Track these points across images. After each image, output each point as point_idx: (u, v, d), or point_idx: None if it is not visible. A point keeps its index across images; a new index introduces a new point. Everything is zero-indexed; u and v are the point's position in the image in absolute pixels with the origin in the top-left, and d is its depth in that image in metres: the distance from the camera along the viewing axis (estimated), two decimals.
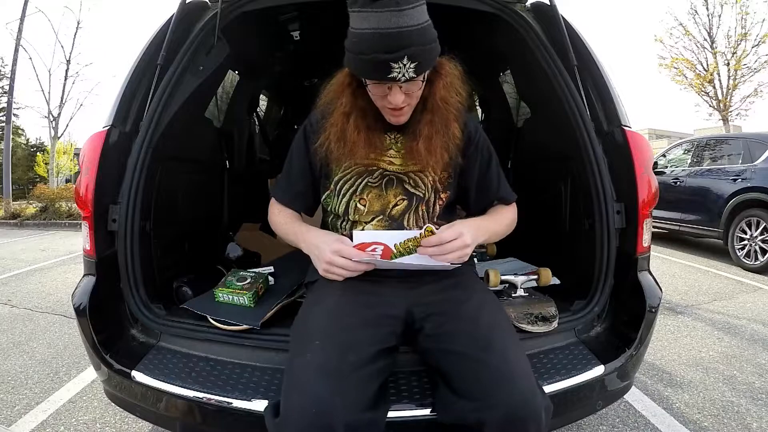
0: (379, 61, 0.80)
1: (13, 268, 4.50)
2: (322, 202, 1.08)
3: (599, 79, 1.30)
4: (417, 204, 1.01)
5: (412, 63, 0.80)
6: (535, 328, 1.11)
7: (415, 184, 1.01)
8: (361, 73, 0.88)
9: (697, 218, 4.78)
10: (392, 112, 0.92)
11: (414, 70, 0.82)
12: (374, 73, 0.84)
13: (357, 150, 0.95)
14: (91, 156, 1.15)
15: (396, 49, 0.79)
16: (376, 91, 0.89)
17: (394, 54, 0.79)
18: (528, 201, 1.93)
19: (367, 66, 0.83)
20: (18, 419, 1.66)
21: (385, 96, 0.88)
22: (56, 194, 9.31)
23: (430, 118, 0.95)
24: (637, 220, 1.18)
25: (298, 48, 2.38)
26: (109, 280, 1.15)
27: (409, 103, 0.92)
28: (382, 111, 0.95)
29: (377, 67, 0.81)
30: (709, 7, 11.39)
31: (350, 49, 0.85)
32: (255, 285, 1.21)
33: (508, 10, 1.41)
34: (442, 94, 0.94)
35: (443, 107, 0.95)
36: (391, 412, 0.90)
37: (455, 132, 0.98)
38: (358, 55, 0.83)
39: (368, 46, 0.80)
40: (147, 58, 1.29)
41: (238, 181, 2.15)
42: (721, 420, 1.63)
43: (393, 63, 0.79)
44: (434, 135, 0.95)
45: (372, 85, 0.88)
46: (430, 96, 0.94)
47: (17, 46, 11.51)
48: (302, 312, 0.95)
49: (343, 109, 0.95)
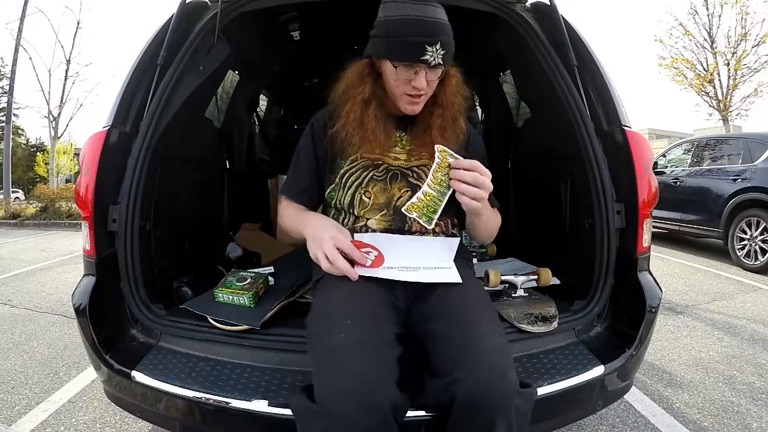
0: (418, 43, 0.88)
1: (13, 268, 4.50)
2: (326, 197, 1.09)
3: (599, 79, 1.30)
4: None
5: (442, 50, 0.90)
6: (535, 328, 1.11)
7: (419, 177, 1.03)
8: (396, 55, 0.93)
9: (697, 218, 4.78)
10: (411, 99, 0.97)
11: (442, 57, 0.90)
12: (410, 54, 0.90)
13: (375, 137, 0.99)
14: (91, 156, 1.15)
15: (433, 34, 0.89)
16: (404, 75, 0.93)
17: (431, 38, 0.89)
18: (528, 201, 1.95)
19: (404, 47, 0.90)
20: (18, 419, 1.66)
21: (410, 81, 0.94)
22: (56, 194, 9.32)
23: (441, 112, 1.01)
24: (637, 220, 1.18)
25: (298, 48, 2.38)
26: (109, 280, 1.15)
27: (427, 92, 0.97)
28: (400, 99, 0.98)
29: (414, 48, 0.89)
30: (709, 7, 11.42)
31: (386, 35, 0.92)
32: (255, 285, 1.21)
33: (508, 10, 1.41)
34: (451, 92, 1.01)
35: (451, 105, 1.01)
36: None
37: (462, 126, 1.05)
38: (397, 38, 0.91)
39: (411, 30, 0.89)
40: (147, 58, 1.29)
41: (238, 181, 2.15)
42: (721, 420, 1.63)
43: (428, 46, 0.88)
44: (447, 126, 1.01)
45: (401, 69, 0.93)
46: (441, 93, 1.01)
47: (17, 46, 11.53)
48: (319, 303, 0.93)
49: (363, 96, 0.98)
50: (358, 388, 0.68)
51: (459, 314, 0.85)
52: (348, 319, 0.80)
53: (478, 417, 0.72)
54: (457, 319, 0.83)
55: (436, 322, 0.85)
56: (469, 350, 0.76)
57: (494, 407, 0.71)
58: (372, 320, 0.81)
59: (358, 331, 0.77)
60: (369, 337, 0.76)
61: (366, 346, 0.75)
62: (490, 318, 0.88)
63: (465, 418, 0.73)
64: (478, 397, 0.72)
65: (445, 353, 0.79)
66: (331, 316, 0.84)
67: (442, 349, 0.80)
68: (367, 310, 0.84)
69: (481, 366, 0.73)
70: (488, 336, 0.79)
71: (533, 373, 1.03)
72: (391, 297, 0.92)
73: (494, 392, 0.72)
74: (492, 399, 0.72)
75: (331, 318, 0.83)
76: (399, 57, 0.92)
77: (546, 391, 0.98)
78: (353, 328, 0.78)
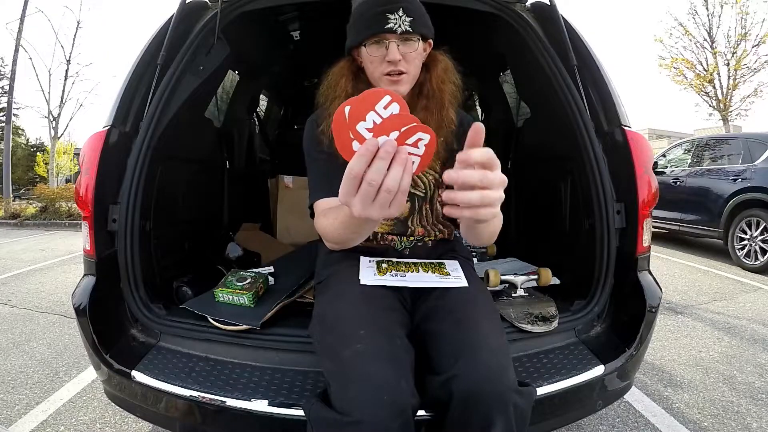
0: (377, 12, 0.89)
1: (13, 268, 4.50)
2: None
3: (599, 79, 1.30)
4: (420, 204, 1.02)
5: (407, 17, 0.89)
6: (535, 328, 1.11)
7: (415, 184, 1.02)
8: (361, 34, 0.92)
9: (697, 218, 4.78)
10: (390, 78, 0.92)
11: (410, 24, 0.89)
12: (373, 26, 0.90)
13: None
14: (91, 156, 1.15)
15: (394, 2, 0.89)
16: (375, 52, 0.92)
17: (390, 6, 0.89)
18: (528, 201, 1.95)
19: (366, 22, 0.90)
20: (18, 419, 1.66)
21: (384, 57, 0.91)
22: (56, 194, 9.31)
23: (425, 104, 0.98)
24: (637, 220, 1.18)
25: (298, 48, 2.38)
26: (109, 280, 1.15)
27: (407, 70, 0.93)
28: (380, 84, 0.94)
29: (375, 18, 0.89)
30: (709, 7, 11.40)
31: (353, 21, 0.93)
32: (255, 285, 1.21)
33: (508, 10, 1.41)
34: (438, 79, 0.98)
35: (438, 92, 0.98)
36: None
37: (450, 116, 0.98)
38: (359, 18, 0.91)
39: (367, 6, 0.90)
40: (147, 58, 1.29)
41: (238, 181, 2.15)
42: (721, 420, 1.63)
43: (389, 14, 0.88)
44: (429, 119, 0.96)
45: (371, 47, 0.92)
46: (426, 81, 0.98)
47: (17, 46, 11.51)
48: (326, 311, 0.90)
49: (347, 91, 0.96)
50: (383, 394, 0.69)
51: (459, 312, 0.85)
52: (361, 328, 0.80)
53: (476, 414, 0.72)
54: (458, 317, 0.83)
55: (437, 320, 0.85)
56: (468, 348, 0.76)
57: (492, 404, 0.71)
58: (385, 327, 0.81)
59: (373, 340, 0.77)
60: (385, 344, 0.77)
61: (383, 353, 0.75)
62: (491, 317, 0.87)
63: (463, 415, 0.73)
64: (476, 394, 0.72)
65: (445, 350, 0.79)
66: (343, 327, 0.83)
67: (442, 346, 0.80)
68: (379, 317, 0.84)
69: (480, 364, 0.73)
70: (488, 334, 0.79)
71: (533, 372, 1.03)
72: (398, 297, 0.92)
73: (492, 390, 0.72)
74: (490, 396, 0.72)
75: (343, 328, 0.82)
76: (364, 34, 0.91)
77: (546, 390, 0.98)
78: (368, 337, 0.78)
